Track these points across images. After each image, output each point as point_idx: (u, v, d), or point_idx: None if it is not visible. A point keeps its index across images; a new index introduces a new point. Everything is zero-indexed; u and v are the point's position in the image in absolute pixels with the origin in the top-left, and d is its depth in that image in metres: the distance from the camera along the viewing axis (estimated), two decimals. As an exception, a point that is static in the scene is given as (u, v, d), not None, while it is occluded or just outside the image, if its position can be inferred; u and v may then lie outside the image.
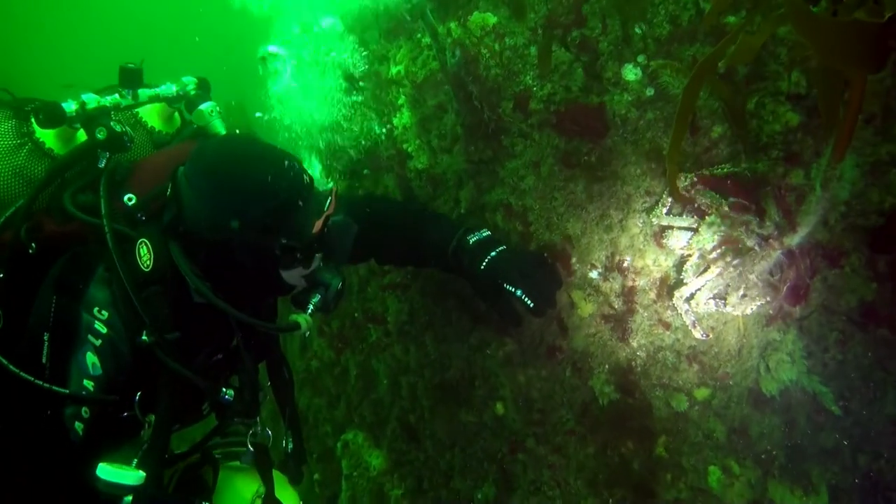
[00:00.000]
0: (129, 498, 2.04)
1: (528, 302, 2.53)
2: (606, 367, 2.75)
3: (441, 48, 2.82)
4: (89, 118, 2.26)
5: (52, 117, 2.21)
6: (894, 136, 2.14)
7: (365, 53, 3.84)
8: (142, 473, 2.07)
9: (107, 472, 2.03)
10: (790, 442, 2.48)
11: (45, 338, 2.07)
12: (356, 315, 4.09)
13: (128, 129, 2.36)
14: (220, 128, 2.58)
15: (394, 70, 3.34)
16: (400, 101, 3.33)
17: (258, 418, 2.55)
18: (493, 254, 2.64)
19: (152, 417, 2.20)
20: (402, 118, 3.32)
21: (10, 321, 2.19)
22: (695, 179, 2.44)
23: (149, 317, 2.10)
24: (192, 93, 2.60)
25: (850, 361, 2.35)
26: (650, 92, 2.58)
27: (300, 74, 3.60)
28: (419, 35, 3.18)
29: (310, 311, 2.35)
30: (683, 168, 2.51)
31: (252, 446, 2.57)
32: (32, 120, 2.29)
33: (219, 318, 2.31)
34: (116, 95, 2.38)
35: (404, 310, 3.63)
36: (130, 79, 2.42)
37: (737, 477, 2.54)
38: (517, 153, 2.84)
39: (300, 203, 2.19)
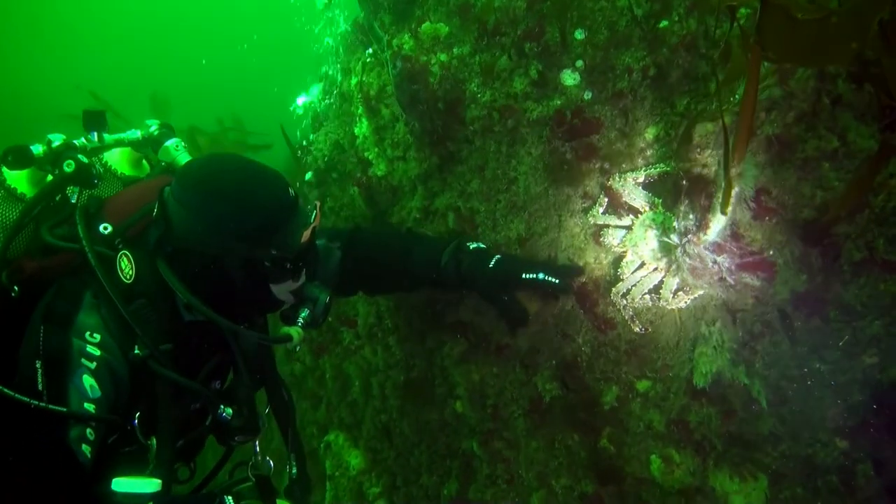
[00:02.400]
0: None
1: (553, 280, 2.54)
2: (553, 362, 2.83)
3: (386, 59, 2.92)
4: (57, 155, 2.28)
5: (21, 159, 2.24)
6: (823, 133, 2.21)
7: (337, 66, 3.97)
8: (158, 481, 2.06)
9: (122, 484, 2.01)
10: (728, 430, 2.55)
11: (38, 365, 2.02)
12: (330, 319, 4.18)
13: (97, 165, 2.39)
14: None
15: (353, 81, 3.45)
16: (359, 111, 3.44)
17: (257, 447, 2.54)
18: (498, 256, 2.65)
19: (154, 441, 2.19)
20: (362, 127, 3.43)
21: (2, 362, 2.14)
22: (632, 179, 2.54)
23: (140, 329, 2.12)
24: (156, 133, 2.62)
25: (785, 351, 2.41)
26: (588, 96, 2.67)
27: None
28: (374, 47, 3.29)
29: (300, 324, 2.37)
30: (620, 169, 2.61)
31: (254, 477, 2.52)
32: (2, 167, 2.31)
33: (210, 337, 2.36)
34: (83, 139, 2.42)
35: (372, 312, 3.73)
36: (94, 121, 2.47)
37: (677, 465, 2.61)
38: (463, 158, 2.94)
39: (288, 215, 2.22)
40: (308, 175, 4.05)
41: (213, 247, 2.17)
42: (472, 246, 2.71)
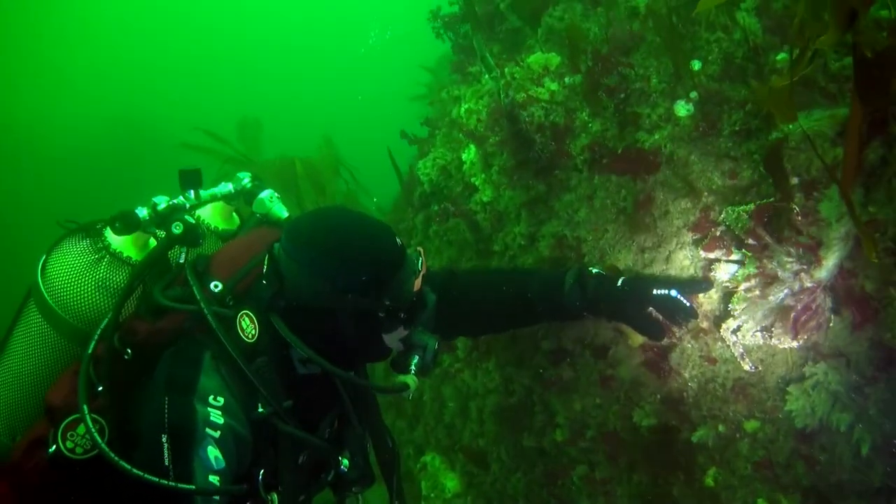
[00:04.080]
0: None
1: (685, 302, 2.48)
2: (658, 396, 2.79)
3: (497, 88, 2.96)
4: (163, 217, 2.33)
5: (128, 223, 2.30)
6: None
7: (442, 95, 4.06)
8: None
9: None
10: (839, 478, 2.46)
11: (164, 440, 1.99)
12: (431, 342, 4.24)
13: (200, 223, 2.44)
14: (281, 212, 2.65)
15: (463, 109, 3.51)
16: (467, 138, 3.50)
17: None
18: (624, 277, 2.60)
19: (275, 497, 2.20)
20: (469, 154, 3.48)
21: (121, 429, 2.15)
22: (745, 213, 2.49)
23: (264, 387, 2.13)
24: (248, 186, 2.67)
25: (901, 398, 2.32)
26: (701, 127, 2.64)
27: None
28: (485, 76, 3.34)
29: (412, 371, 2.36)
30: (733, 202, 2.56)
31: None
32: (105, 234, 2.37)
33: (324, 389, 2.39)
34: (181, 197, 2.47)
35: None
36: (190, 180, 2.52)
37: (784, 511, 2.54)
38: (571, 187, 2.94)
39: (398, 265, 2.25)
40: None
41: (328, 301, 2.21)
42: (595, 271, 2.65)
